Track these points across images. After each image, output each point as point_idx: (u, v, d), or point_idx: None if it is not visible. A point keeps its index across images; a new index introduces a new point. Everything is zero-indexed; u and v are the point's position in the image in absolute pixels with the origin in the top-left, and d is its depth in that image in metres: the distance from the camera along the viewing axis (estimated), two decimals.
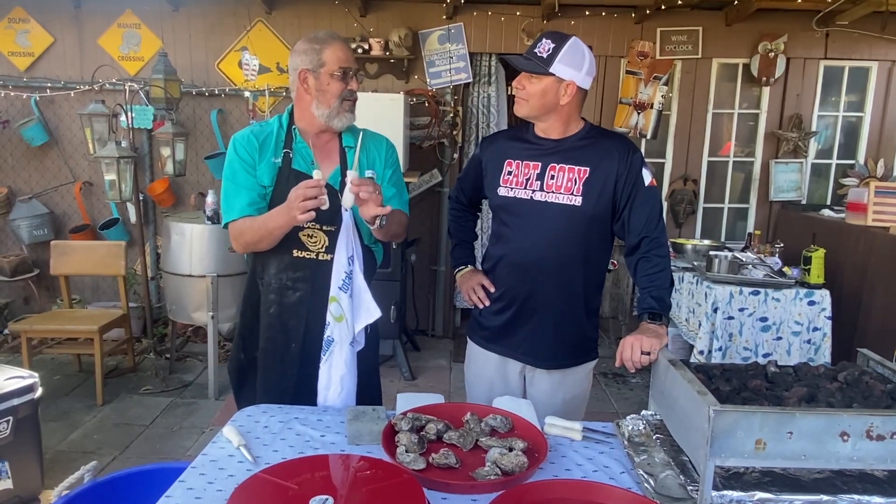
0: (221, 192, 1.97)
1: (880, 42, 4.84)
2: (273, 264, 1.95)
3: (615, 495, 1.30)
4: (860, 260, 3.83)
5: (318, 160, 1.95)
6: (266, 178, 1.91)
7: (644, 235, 1.84)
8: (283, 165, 1.92)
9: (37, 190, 5.02)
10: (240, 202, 1.91)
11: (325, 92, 1.88)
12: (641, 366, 1.67)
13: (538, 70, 1.81)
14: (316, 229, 1.92)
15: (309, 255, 1.94)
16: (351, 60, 1.90)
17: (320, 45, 1.86)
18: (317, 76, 1.88)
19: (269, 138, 1.95)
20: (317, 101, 1.90)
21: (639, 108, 4.95)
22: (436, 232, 5.14)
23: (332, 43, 1.87)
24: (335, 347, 1.88)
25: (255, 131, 1.96)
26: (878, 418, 1.22)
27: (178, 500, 1.32)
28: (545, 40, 1.82)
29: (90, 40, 4.88)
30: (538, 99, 1.84)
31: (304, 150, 1.95)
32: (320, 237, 1.93)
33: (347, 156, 1.97)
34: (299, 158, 1.94)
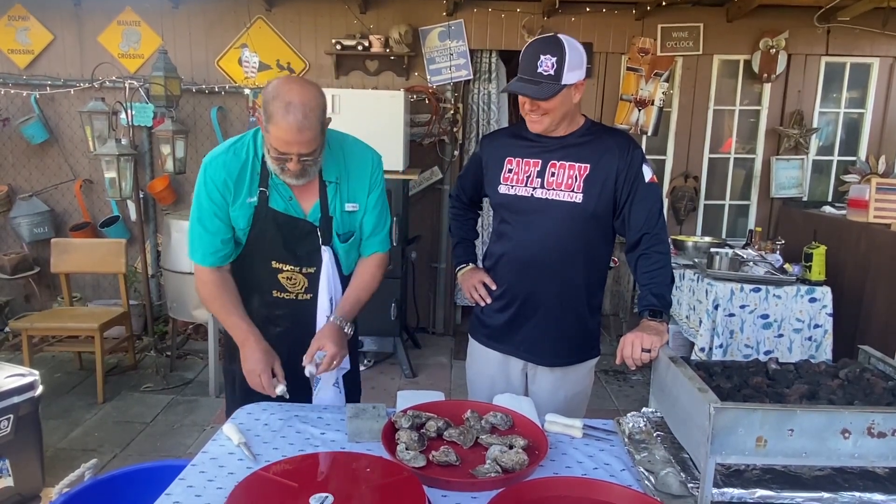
0: (189, 223, 1.84)
1: (882, 38, 4.82)
2: (254, 299, 1.91)
3: (615, 493, 1.30)
4: (861, 257, 3.82)
5: (297, 194, 1.81)
6: (242, 220, 1.81)
7: (644, 232, 1.84)
8: (259, 205, 1.79)
9: (37, 188, 5.01)
10: (203, 248, 1.83)
11: (267, 152, 1.72)
12: (642, 363, 1.66)
13: (554, 92, 1.74)
14: (295, 272, 1.87)
15: (288, 296, 1.90)
16: (293, 146, 1.63)
17: (271, 112, 1.62)
18: (265, 134, 1.70)
19: (244, 172, 1.79)
20: (265, 150, 1.74)
21: (640, 105, 4.94)
22: (436, 229, 5.13)
23: (280, 121, 1.61)
24: (321, 384, 1.92)
25: (229, 163, 1.78)
26: (879, 415, 1.22)
27: (179, 497, 1.33)
28: (544, 57, 1.73)
29: (90, 38, 4.87)
30: (556, 113, 1.81)
31: (282, 186, 1.78)
32: (300, 279, 1.89)
33: (328, 190, 1.83)
34: (276, 196, 1.80)
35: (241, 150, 1.80)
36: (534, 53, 1.76)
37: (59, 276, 4.20)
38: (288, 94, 1.61)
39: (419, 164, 4.90)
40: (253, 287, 1.90)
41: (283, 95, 1.61)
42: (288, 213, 1.81)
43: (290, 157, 1.66)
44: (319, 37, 4.86)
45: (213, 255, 1.84)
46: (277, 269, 1.86)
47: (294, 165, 1.67)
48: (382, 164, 1.95)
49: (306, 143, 1.64)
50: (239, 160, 1.79)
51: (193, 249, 1.84)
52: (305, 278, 1.88)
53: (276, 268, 1.86)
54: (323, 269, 1.85)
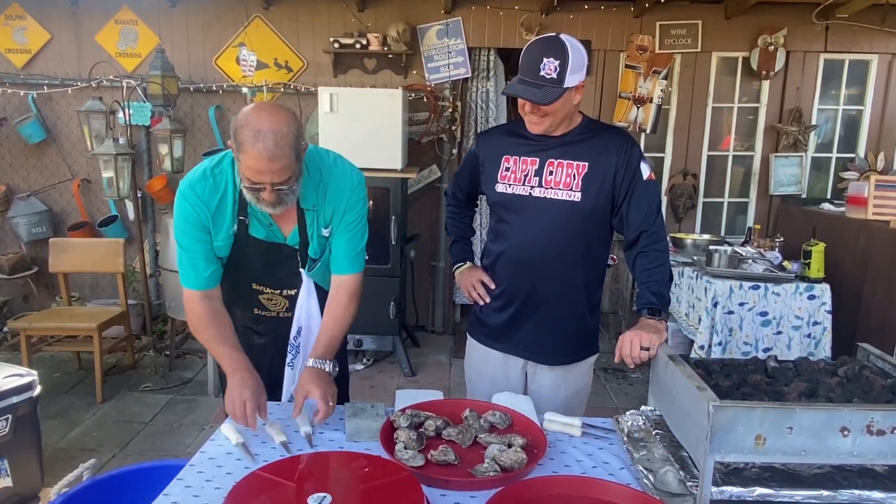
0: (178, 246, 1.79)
1: (880, 35, 4.81)
2: (237, 312, 1.91)
3: (614, 491, 1.29)
4: (860, 254, 3.82)
5: (276, 220, 1.77)
6: (223, 249, 1.78)
7: (643, 230, 1.83)
8: (238, 233, 1.77)
9: (35, 187, 5.00)
10: (194, 273, 1.77)
11: (241, 180, 1.64)
12: (640, 361, 1.66)
13: (556, 96, 1.72)
14: (276, 294, 1.89)
15: (270, 314, 1.94)
16: (265, 175, 1.56)
17: (240, 141, 1.55)
18: (237, 162, 1.63)
19: (224, 203, 1.73)
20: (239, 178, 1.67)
21: (638, 103, 4.94)
22: (435, 228, 5.13)
23: (249, 150, 1.54)
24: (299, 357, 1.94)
25: (208, 191, 1.72)
26: (878, 413, 1.22)
27: (176, 498, 1.32)
28: (547, 60, 1.71)
29: (87, 37, 4.86)
30: (558, 115, 1.80)
31: (261, 213, 1.73)
32: (280, 301, 1.91)
33: (306, 217, 1.79)
34: (256, 223, 1.77)
35: (220, 177, 1.73)
36: (536, 55, 1.73)
37: (58, 276, 4.20)
38: (257, 121, 1.54)
39: (417, 163, 4.89)
40: (234, 302, 1.89)
41: (252, 123, 1.54)
42: (269, 240, 1.79)
43: (264, 187, 1.59)
44: (317, 35, 4.85)
45: (207, 278, 1.78)
46: (258, 291, 1.88)
47: (268, 195, 1.60)
48: (364, 184, 1.87)
49: (279, 172, 1.57)
50: (218, 190, 1.72)
51: (184, 274, 1.79)
52: (286, 300, 1.90)
53: (256, 289, 1.88)
54: (301, 292, 1.86)
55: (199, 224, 1.73)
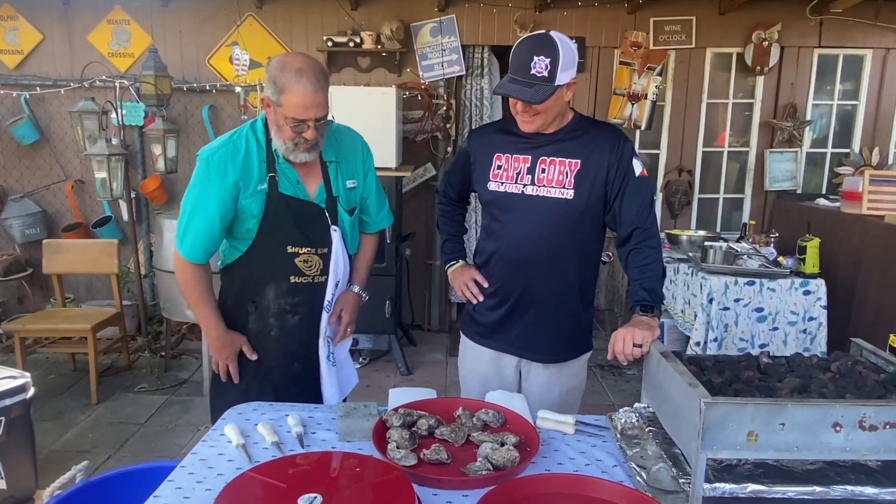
0: (183, 213, 1.85)
1: (874, 29, 4.82)
2: (270, 290, 1.93)
3: (607, 489, 1.29)
4: (855, 249, 3.83)
5: (302, 177, 1.89)
6: (254, 206, 1.83)
7: (635, 227, 1.83)
8: (270, 191, 1.84)
9: (28, 189, 4.98)
10: (194, 240, 1.84)
11: (280, 129, 1.78)
12: (633, 358, 1.66)
13: (548, 94, 1.72)
14: (311, 254, 1.91)
15: (306, 280, 1.93)
16: (311, 110, 1.73)
17: (282, 83, 1.71)
18: (275, 111, 1.77)
19: (249, 161, 1.82)
20: (274, 133, 1.82)
21: (633, 99, 4.93)
22: (430, 226, 5.12)
23: (293, 88, 1.70)
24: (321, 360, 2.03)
25: (232, 153, 1.81)
26: (870, 408, 1.21)
27: (167, 499, 1.32)
28: (537, 58, 1.70)
29: (79, 37, 4.84)
30: (549, 113, 1.80)
31: (289, 171, 1.86)
32: (315, 261, 1.93)
33: (329, 170, 1.93)
34: (284, 180, 1.86)
35: (240, 141, 1.84)
36: (527, 54, 1.72)
37: (52, 277, 4.18)
38: (295, 62, 1.73)
39: (412, 161, 4.89)
40: (269, 276, 1.92)
41: (291, 64, 1.72)
42: (297, 196, 1.87)
43: (308, 124, 1.74)
44: (310, 34, 4.83)
45: (204, 252, 1.87)
46: (294, 254, 1.90)
47: (311, 133, 1.75)
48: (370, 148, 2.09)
49: (322, 106, 1.75)
50: (240, 152, 1.82)
51: (183, 243, 1.85)
52: (320, 259, 1.93)
53: (292, 252, 1.89)
54: (333, 250, 1.92)
55: (226, 196, 1.80)
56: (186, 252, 1.86)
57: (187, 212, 1.84)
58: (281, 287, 1.92)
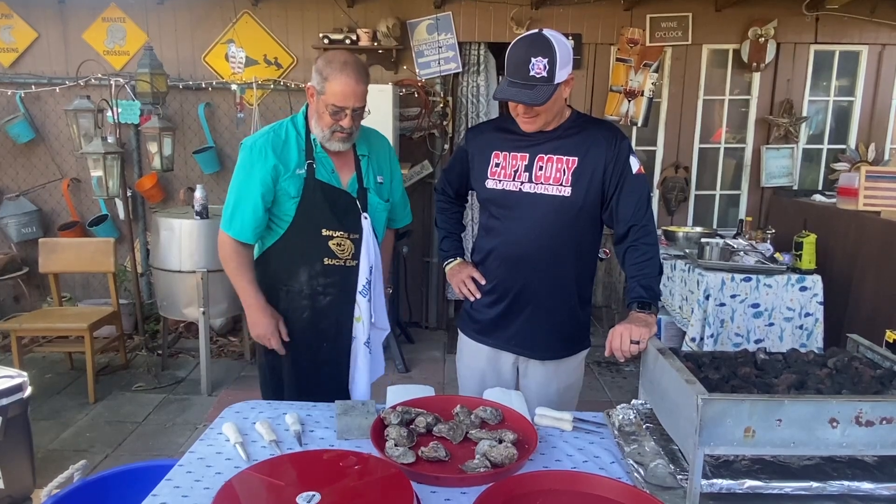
0: (230, 195, 2.01)
1: (870, 25, 4.82)
2: (303, 272, 2.05)
3: (605, 486, 1.29)
4: (851, 245, 3.83)
5: (337, 167, 2.03)
6: (292, 188, 1.97)
7: (632, 224, 1.83)
8: (307, 176, 1.98)
9: (24, 187, 4.97)
10: (242, 221, 1.99)
11: (320, 116, 1.94)
12: (631, 355, 1.66)
13: (549, 95, 1.72)
14: (344, 238, 2.03)
15: (338, 263, 2.05)
16: (351, 99, 1.89)
17: (328, 72, 1.88)
18: (318, 100, 1.93)
19: (289, 148, 1.99)
20: (314, 120, 1.98)
21: (629, 96, 4.93)
22: (427, 224, 5.11)
23: (338, 77, 1.87)
24: (356, 343, 2.11)
25: (272, 141, 1.98)
26: (866, 404, 1.22)
27: (165, 498, 1.32)
28: (535, 60, 1.70)
29: (74, 35, 4.82)
30: (551, 112, 1.80)
31: (325, 160, 2.01)
32: (347, 245, 2.04)
33: (362, 164, 2.08)
34: (321, 168, 2.00)
35: (281, 131, 2.01)
36: (524, 55, 1.71)
37: (48, 276, 4.17)
38: (340, 56, 1.92)
39: (409, 159, 4.88)
40: (303, 258, 2.03)
41: (337, 58, 1.90)
42: (332, 184, 2.01)
43: (346, 112, 1.89)
44: (306, 31, 4.82)
45: (252, 231, 2.00)
46: (328, 237, 2.02)
47: (348, 121, 1.91)
48: None
49: (361, 96, 1.91)
50: (280, 137, 1.99)
51: (231, 219, 1.99)
52: (352, 244, 2.04)
53: (326, 235, 2.02)
54: (364, 236, 2.05)
55: (261, 172, 1.95)
56: (236, 232, 2.00)
57: (233, 195, 1.99)
58: (315, 268, 2.04)
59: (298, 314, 2.07)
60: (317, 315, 2.07)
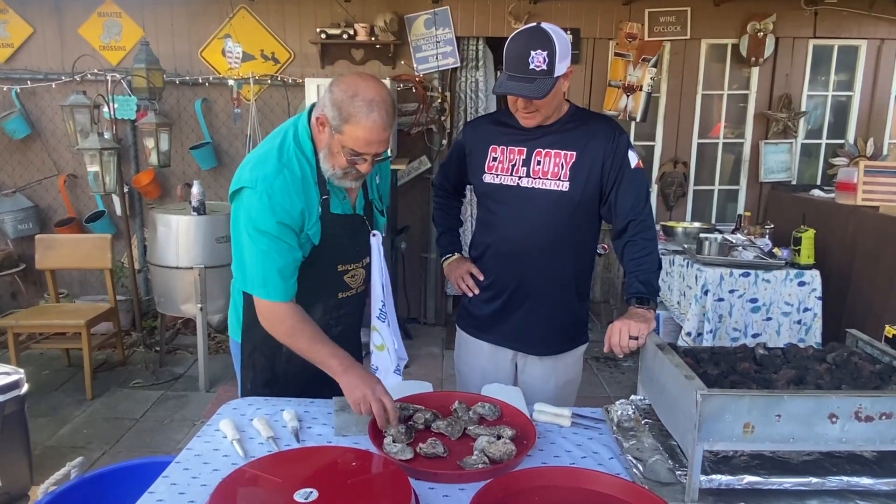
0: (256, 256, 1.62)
1: (869, 20, 4.81)
2: (318, 309, 1.81)
3: (603, 481, 1.29)
4: (850, 240, 3.83)
5: (347, 191, 1.76)
6: (317, 235, 1.69)
7: (631, 219, 1.82)
8: (323, 213, 1.69)
9: (20, 183, 4.95)
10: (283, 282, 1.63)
11: (332, 154, 1.62)
12: (630, 350, 1.66)
13: (549, 88, 1.70)
14: (357, 268, 1.83)
15: (351, 293, 1.85)
16: (374, 146, 1.58)
17: (350, 112, 1.54)
18: (331, 136, 1.60)
19: (308, 186, 1.66)
20: (323, 154, 1.65)
21: (628, 91, 4.92)
22: (425, 219, 5.10)
23: (363, 122, 1.53)
24: (380, 376, 1.86)
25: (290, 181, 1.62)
26: (866, 399, 1.21)
27: (162, 496, 1.31)
28: (535, 53, 1.68)
29: (70, 30, 4.79)
30: (551, 106, 1.78)
31: (337, 189, 1.72)
32: (360, 274, 1.85)
33: (368, 183, 1.82)
34: (335, 199, 1.72)
35: (293, 164, 1.64)
36: (523, 49, 1.70)
37: (45, 273, 4.15)
38: (369, 92, 1.54)
39: (407, 154, 4.87)
40: (318, 294, 1.79)
41: (363, 93, 1.53)
42: (346, 213, 1.75)
43: (365, 158, 1.59)
44: (304, 26, 4.80)
45: (289, 287, 1.66)
46: (343, 271, 1.80)
47: (366, 167, 1.61)
48: None
49: (385, 143, 1.60)
50: (296, 177, 1.63)
51: (268, 288, 1.64)
52: (364, 270, 1.85)
53: (341, 270, 1.80)
54: (373, 256, 1.83)
55: (296, 229, 1.64)
56: (280, 295, 1.63)
57: (261, 256, 1.62)
58: (329, 304, 1.82)
59: None
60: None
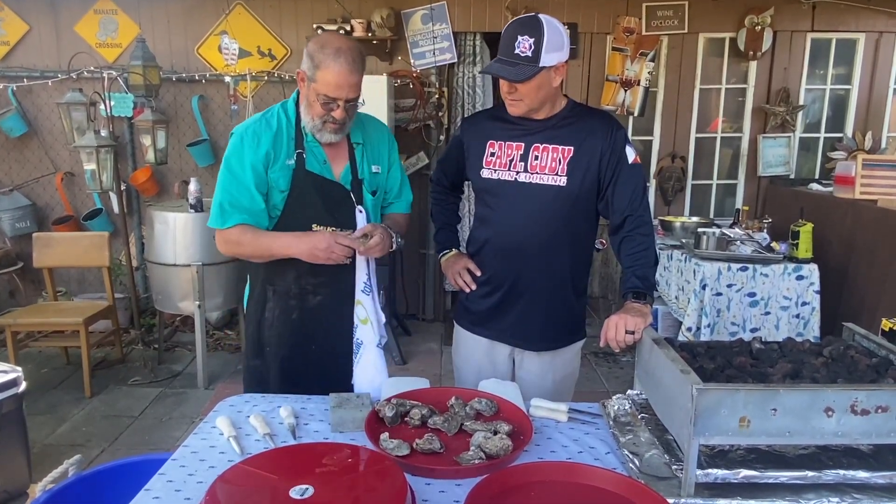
0: (218, 189, 1.83)
1: (867, 13, 4.80)
2: (291, 271, 1.89)
3: (599, 476, 1.28)
4: (848, 233, 3.83)
5: (329, 157, 1.89)
6: (282, 181, 1.84)
7: (628, 214, 1.82)
8: (297, 167, 1.84)
9: (18, 182, 4.94)
10: (242, 207, 1.82)
11: (311, 105, 1.80)
12: (626, 345, 1.65)
13: (530, 74, 1.71)
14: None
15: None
16: (343, 90, 1.74)
17: (320, 59, 1.72)
18: (308, 86, 1.78)
19: (280, 137, 1.84)
20: (304, 107, 1.83)
21: (626, 86, 4.91)
22: (423, 215, 5.09)
23: (331, 65, 1.71)
24: (364, 350, 1.95)
25: (263, 128, 1.84)
26: (862, 393, 1.21)
27: (158, 493, 1.31)
28: (521, 38, 1.70)
29: (66, 28, 4.77)
30: (534, 96, 1.78)
31: (316, 150, 1.87)
32: None
33: (356, 153, 1.93)
34: (312, 158, 1.86)
35: (272, 119, 1.86)
36: (512, 34, 1.72)
37: (43, 271, 4.15)
38: (336, 41, 1.75)
39: (405, 150, 4.85)
40: None
41: (331, 43, 1.74)
42: (323, 175, 1.87)
43: (338, 104, 1.75)
44: (300, 22, 4.78)
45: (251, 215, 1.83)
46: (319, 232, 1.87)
47: (340, 113, 1.77)
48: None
49: (354, 87, 1.76)
50: (271, 128, 1.84)
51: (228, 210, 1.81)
52: None
53: (317, 231, 1.87)
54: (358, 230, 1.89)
55: (252, 159, 1.81)
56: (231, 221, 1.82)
57: (223, 186, 1.82)
58: (302, 266, 1.86)
59: (287, 316, 1.93)
60: (306, 315, 1.92)
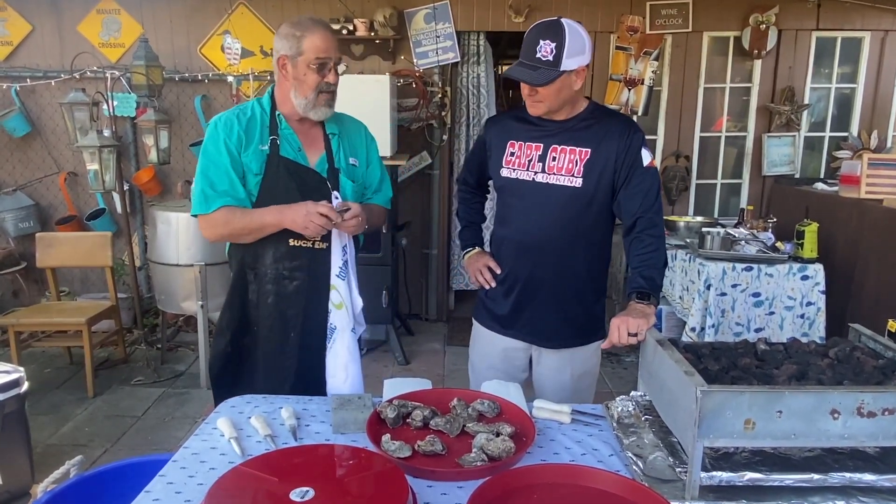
0: (198, 177, 1.89)
1: (872, 11, 4.77)
2: (268, 254, 1.93)
3: (602, 479, 1.27)
4: (853, 233, 3.80)
5: (304, 146, 1.94)
6: (254, 164, 1.88)
7: (639, 216, 1.83)
8: (271, 153, 1.89)
9: (21, 182, 4.94)
10: (223, 191, 1.87)
11: (302, 82, 1.85)
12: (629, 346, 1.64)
13: (551, 78, 1.74)
14: None
15: (306, 244, 1.93)
16: (331, 50, 1.85)
17: (301, 31, 1.82)
18: (295, 64, 1.85)
19: (253, 123, 1.91)
20: (294, 90, 1.88)
21: (629, 85, 4.89)
22: (426, 215, 5.09)
23: (313, 31, 1.82)
24: (337, 335, 1.98)
25: (237, 115, 1.91)
26: (868, 395, 1.20)
27: (158, 494, 1.30)
28: (543, 42, 1.73)
29: (69, 28, 4.77)
30: (554, 98, 1.80)
31: (291, 137, 1.93)
32: None
33: (332, 143, 1.97)
34: (286, 145, 1.92)
35: (246, 109, 1.94)
36: (534, 38, 1.76)
37: (46, 271, 4.15)
38: (304, 17, 1.88)
39: (408, 150, 4.84)
40: (268, 238, 1.90)
41: (302, 19, 1.86)
42: (298, 161, 1.92)
43: (330, 65, 1.85)
44: None
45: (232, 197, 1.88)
46: None
47: (334, 76, 1.86)
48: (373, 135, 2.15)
49: (338, 47, 1.88)
50: (246, 114, 1.92)
51: (209, 195, 1.86)
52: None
53: None
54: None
55: (235, 145, 1.87)
56: (214, 206, 1.86)
57: (203, 172, 1.88)
58: (279, 250, 1.92)
59: (264, 300, 1.95)
60: (283, 301, 1.94)
